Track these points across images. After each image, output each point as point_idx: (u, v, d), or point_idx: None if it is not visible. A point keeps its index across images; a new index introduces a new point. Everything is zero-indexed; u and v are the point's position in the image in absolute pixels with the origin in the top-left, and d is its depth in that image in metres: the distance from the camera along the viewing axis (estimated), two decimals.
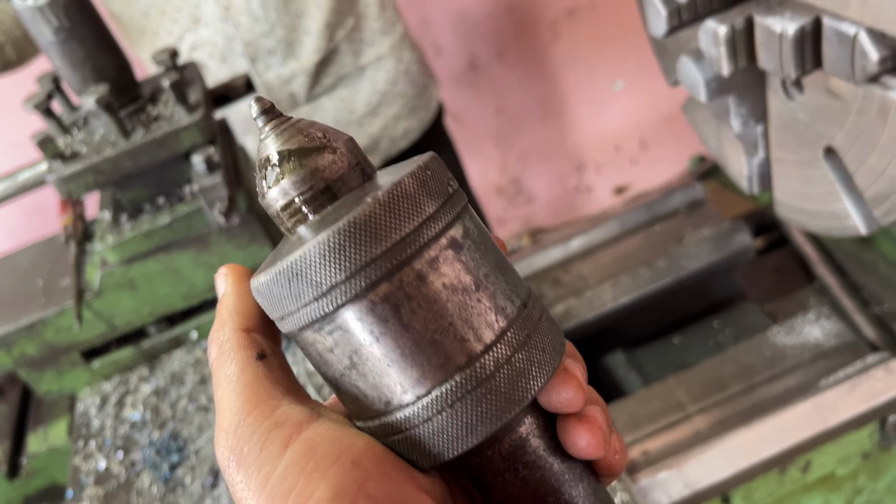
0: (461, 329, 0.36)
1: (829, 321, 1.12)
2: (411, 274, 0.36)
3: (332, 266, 0.35)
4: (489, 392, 0.36)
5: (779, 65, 0.82)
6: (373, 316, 0.35)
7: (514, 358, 0.37)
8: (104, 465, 1.00)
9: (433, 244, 0.36)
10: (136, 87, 1.01)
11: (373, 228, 0.35)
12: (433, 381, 0.36)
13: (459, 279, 0.37)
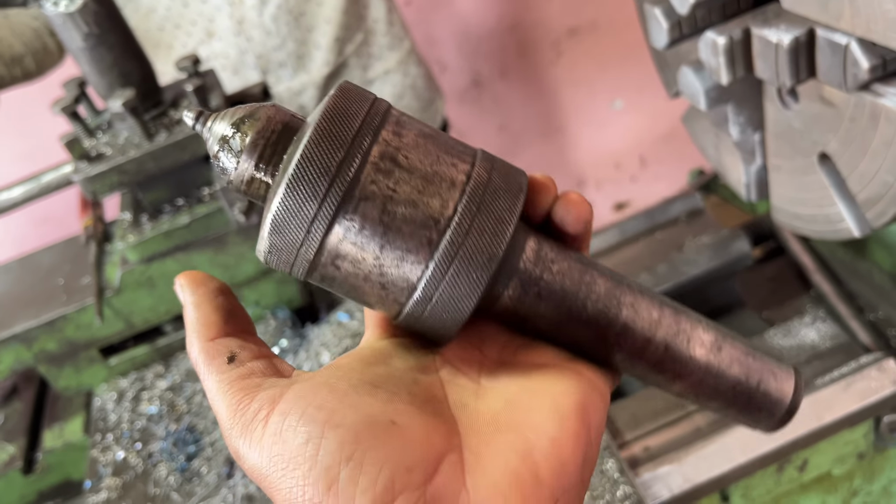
0: (432, 196, 0.38)
1: (824, 324, 1.15)
2: (368, 180, 0.37)
3: (304, 202, 0.37)
4: (481, 232, 0.38)
5: (775, 74, 0.86)
6: (360, 220, 0.37)
7: (485, 197, 0.39)
8: (122, 456, 1.03)
9: (375, 146, 0.38)
10: (159, 93, 1.06)
11: (319, 154, 0.37)
12: (431, 247, 0.38)
13: (414, 158, 0.39)
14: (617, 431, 1.09)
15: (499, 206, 0.39)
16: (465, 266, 0.38)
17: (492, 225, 0.38)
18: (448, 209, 0.38)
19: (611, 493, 0.94)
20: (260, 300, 1.16)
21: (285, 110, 0.42)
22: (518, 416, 0.38)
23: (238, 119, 0.40)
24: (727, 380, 0.45)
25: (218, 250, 1.10)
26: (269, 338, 1.14)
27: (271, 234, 0.38)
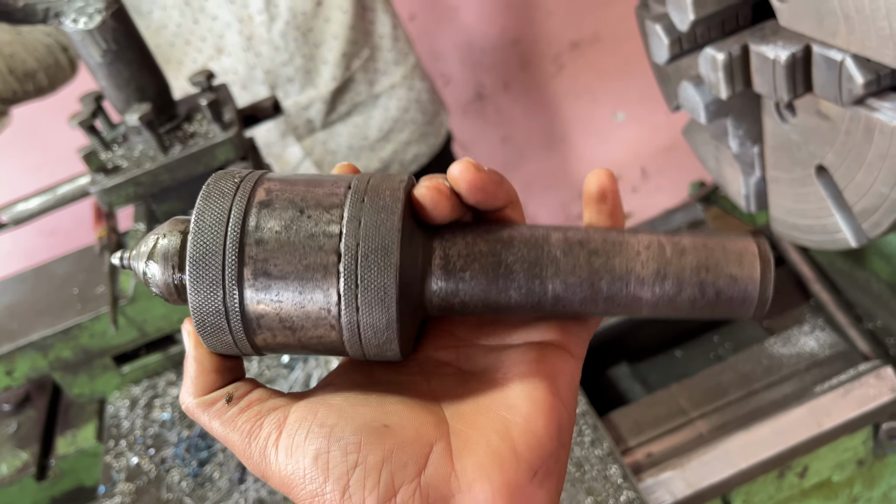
0: (312, 246, 0.39)
1: (823, 332, 1.17)
2: (252, 250, 0.39)
3: (204, 290, 0.39)
4: (373, 259, 0.38)
5: (772, 89, 0.89)
6: (260, 291, 0.39)
7: (363, 220, 0.39)
8: (136, 461, 1.05)
9: (249, 216, 0.39)
10: (173, 107, 1.08)
11: (201, 247, 0.39)
12: (335, 296, 0.39)
13: (285, 217, 0.39)
14: (620, 438, 1.11)
15: (380, 245, 0.38)
16: (369, 310, 0.39)
17: (377, 273, 0.38)
18: (332, 257, 0.39)
19: (614, 499, 0.96)
20: None
21: (186, 220, 0.44)
22: (495, 396, 0.41)
23: (150, 249, 0.43)
24: (682, 303, 0.43)
25: None
26: None
27: (201, 333, 0.41)
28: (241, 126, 1.09)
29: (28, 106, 1.55)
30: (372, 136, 1.70)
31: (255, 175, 0.42)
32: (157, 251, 0.43)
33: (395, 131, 1.73)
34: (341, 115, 1.66)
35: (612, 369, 1.33)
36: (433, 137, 1.83)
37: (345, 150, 1.68)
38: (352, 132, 1.67)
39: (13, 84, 1.34)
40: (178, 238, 0.42)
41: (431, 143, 1.82)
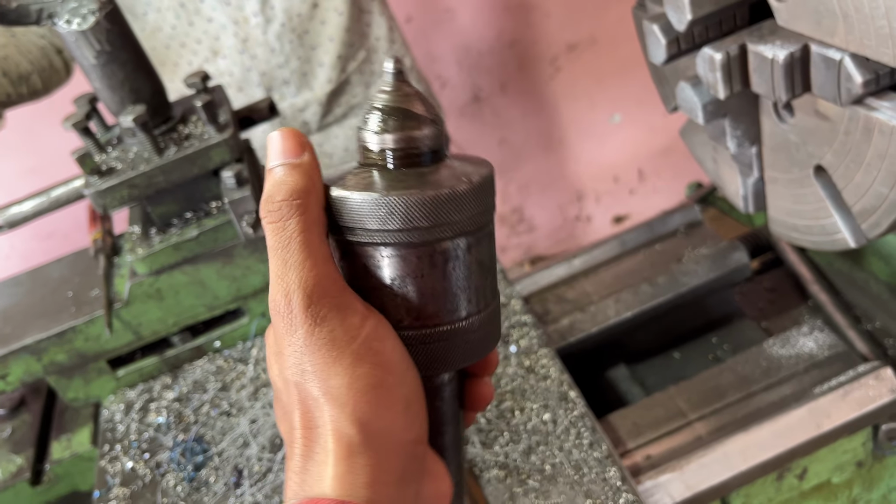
0: (473, 292, 0.49)
1: (822, 333, 1.17)
2: (465, 242, 0.48)
3: (425, 214, 0.45)
4: (463, 344, 0.50)
5: (771, 89, 0.88)
6: (429, 260, 0.47)
7: (486, 326, 0.51)
8: (130, 466, 1.04)
9: (484, 228, 0.49)
10: (168, 108, 1.08)
11: (461, 202, 0.46)
12: (439, 321, 0.48)
13: (484, 259, 0.50)
14: (618, 440, 1.10)
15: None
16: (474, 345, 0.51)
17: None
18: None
19: (613, 501, 0.95)
20: (266, 311, 1.18)
21: (443, 135, 0.51)
22: None
23: (414, 114, 0.49)
24: None
25: (226, 262, 1.12)
26: None
27: (378, 200, 0.46)
28: (236, 128, 1.08)
29: (22, 109, 1.54)
30: None
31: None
32: None
33: None
34: (337, 117, 1.66)
35: (609, 371, 1.33)
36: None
37: (341, 153, 1.67)
38: (348, 134, 1.67)
39: (7, 87, 1.33)
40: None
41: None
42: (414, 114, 0.48)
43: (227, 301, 1.15)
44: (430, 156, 0.49)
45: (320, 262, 0.44)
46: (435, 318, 0.48)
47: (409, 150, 0.48)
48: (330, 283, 0.44)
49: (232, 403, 1.10)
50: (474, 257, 0.48)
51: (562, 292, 1.33)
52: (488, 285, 0.51)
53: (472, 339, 0.50)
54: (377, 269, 0.47)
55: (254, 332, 1.18)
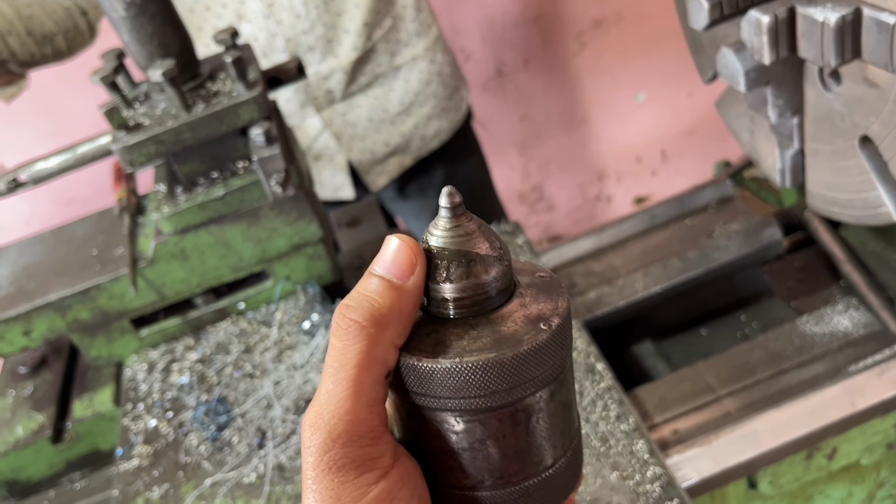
0: (558, 437, 0.45)
1: (857, 312, 1.15)
2: (547, 392, 0.43)
3: (502, 377, 0.41)
4: (552, 490, 0.46)
5: (819, 54, 0.85)
6: (511, 420, 0.43)
7: (573, 461, 0.47)
8: (154, 424, 1.04)
9: (563, 369, 0.44)
10: (197, 65, 1.06)
11: (542, 354, 0.42)
12: (525, 476, 0.44)
13: (567, 397, 0.46)
14: (645, 414, 1.09)
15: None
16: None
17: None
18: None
19: (641, 474, 0.94)
20: (291, 275, 1.17)
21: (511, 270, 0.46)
22: None
23: (479, 256, 0.44)
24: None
25: (251, 223, 1.10)
26: (301, 312, 1.14)
27: (450, 369, 0.41)
28: (265, 86, 1.07)
29: (45, 73, 1.53)
30: (392, 110, 1.67)
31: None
32: None
33: (416, 105, 1.70)
34: (362, 86, 1.63)
35: (635, 346, 1.31)
36: (454, 113, 1.80)
37: (364, 123, 1.65)
38: (372, 104, 1.65)
39: (31, 47, 1.32)
40: None
41: (452, 118, 1.79)
42: (479, 256, 0.43)
43: (251, 263, 1.14)
44: (499, 296, 0.44)
45: (362, 406, 0.40)
46: (520, 474, 0.44)
47: (477, 298, 0.43)
48: (364, 431, 0.41)
49: (255, 365, 1.09)
50: (558, 401, 0.44)
51: (589, 265, 1.31)
52: (571, 420, 0.47)
53: (560, 482, 0.46)
54: (451, 433, 0.43)
55: (278, 295, 1.17)
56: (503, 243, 0.45)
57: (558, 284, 0.46)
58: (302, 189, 1.10)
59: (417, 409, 0.43)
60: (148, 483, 0.99)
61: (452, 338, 0.42)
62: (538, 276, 0.46)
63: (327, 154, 1.65)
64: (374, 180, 1.71)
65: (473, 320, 0.43)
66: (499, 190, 2.07)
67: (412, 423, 0.44)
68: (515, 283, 0.46)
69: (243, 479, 0.95)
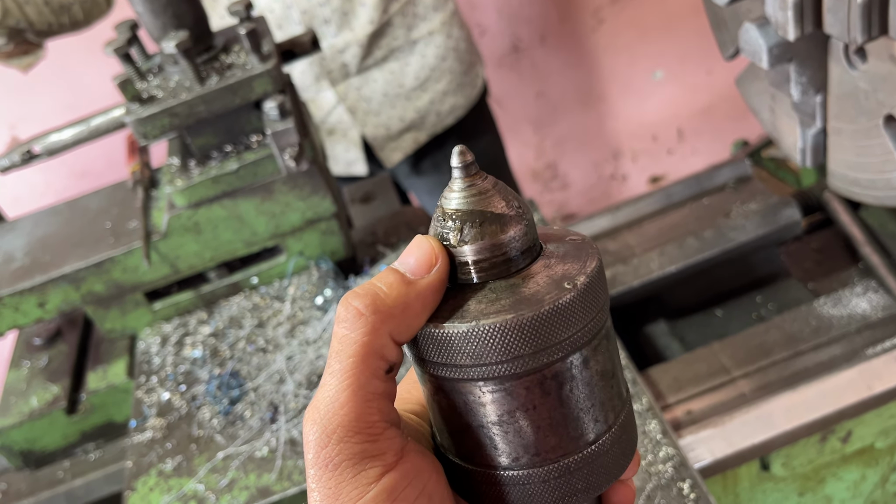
0: (599, 409, 0.42)
1: (876, 294, 1.13)
2: (580, 358, 0.40)
3: (525, 341, 0.38)
4: (597, 469, 0.42)
5: (846, 29, 0.83)
6: (540, 389, 0.40)
7: (621, 438, 0.43)
8: (167, 397, 1.04)
9: (599, 333, 0.41)
10: (210, 37, 1.05)
11: (568, 315, 0.39)
12: (564, 452, 0.41)
13: (605, 365, 0.42)
14: (659, 394, 1.08)
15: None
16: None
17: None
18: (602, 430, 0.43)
19: (653, 454, 0.93)
20: (304, 250, 1.16)
21: (534, 229, 0.43)
22: None
23: (498, 216, 0.42)
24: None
25: (265, 198, 1.10)
26: (314, 287, 1.14)
27: (470, 333, 0.39)
28: (279, 59, 1.05)
29: (60, 45, 1.52)
30: (408, 84, 1.65)
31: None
32: None
33: (432, 80, 1.68)
34: (377, 60, 1.61)
35: (649, 326, 1.30)
36: (470, 89, 1.78)
37: (379, 98, 1.64)
38: (387, 79, 1.63)
39: (48, 16, 1.31)
40: None
41: (468, 94, 1.78)
42: (494, 215, 0.41)
43: (265, 237, 1.13)
44: (522, 257, 0.41)
45: (359, 401, 0.39)
46: (558, 449, 0.41)
47: (496, 259, 0.41)
48: (361, 426, 0.39)
49: (268, 340, 1.09)
50: (594, 370, 0.41)
51: (604, 244, 1.30)
52: (615, 393, 0.43)
53: (606, 461, 0.43)
54: (479, 406, 0.41)
55: (291, 270, 1.17)
56: (523, 202, 0.42)
57: (589, 246, 0.43)
58: (316, 164, 1.09)
59: (442, 382, 0.41)
60: (161, 455, 0.99)
61: (472, 302, 0.40)
62: (569, 240, 0.44)
63: (341, 129, 1.64)
64: (388, 156, 1.70)
65: (494, 284, 0.41)
66: (513, 167, 2.05)
67: (440, 400, 0.42)
68: (541, 245, 0.43)
69: (255, 452, 0.96)
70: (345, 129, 1.64)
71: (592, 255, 0.42)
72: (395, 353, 0.40)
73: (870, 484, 1.20)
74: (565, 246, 0.43)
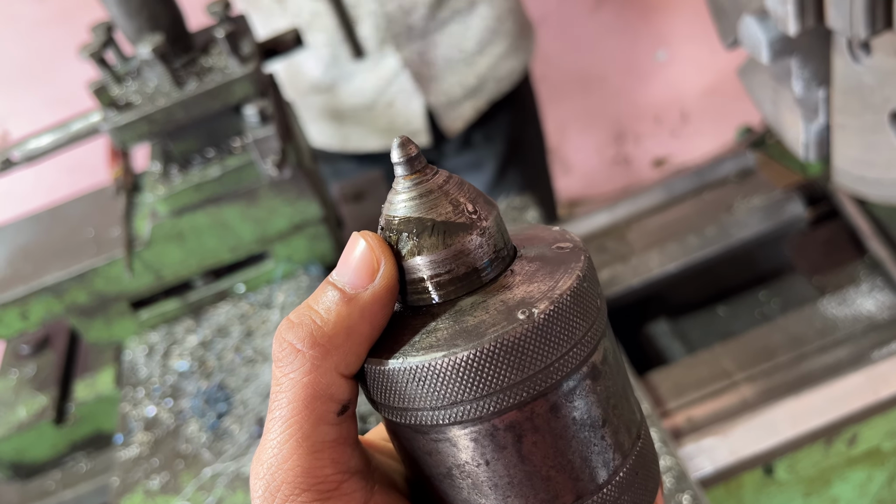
0: (578, 467, 0.34)
1: (882, 293, 1.09)
2: (545, 405, 0.33)
3: (462, 384, 0.32)
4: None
5: (848, 24, 0.79)
6: (490, 441, 0.33)
7: (620, 500, 0.35)
8: (154, 412, 1.02)
9: (575, 374, 0.33)
10: (188, 38, 1.01)
11: (519, 354, 0.32)
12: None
13: (590, 413, 0.34)
14: (659, 400, 1.05)
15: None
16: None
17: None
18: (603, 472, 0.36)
19: None
20: (292, 255, 1.13)
21: (498, 236, 0.36)
22: None
23: (444, 223, 0.36)
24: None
25: (250, 203, 1.06)
26: (304, 294, 1.11)
27: (400, 372, 0.33)
28: (260, 60, 1.02)
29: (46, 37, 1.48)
30: (469, 48, 1.60)
31: (605, 315, 0.36)
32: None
33: (492, 44, 1.63)
34: (442, 22, 1.55)
35: (650, 325, 1.27)
36: (524, 53, 1.75)
37: (441, 63, 1.58)
38: (448, 43, 1.57)
39: None
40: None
41: (523, 59, 1.74)
42: (439, 223, 0.34)
43: (251, 244, 1.10)
44: (477, 273, 0.34)
45: (304, 454, 0.33)
46: None
47: (440, 279, 0.34)
48: (311, 482, 0.33)
49: (257, 350, 1.07)
50: (570, 419, 0.33)
51: (602, 241, 1.26)
52: (609, 444, 0.35)
53: None
54: (425, 455, 0.35)
55: (279, 276, 1.14)
56: (482, 202, 0.35)
57: (576, 257, 0.35)
58: (301, 167, 1.05)
59: (389, 424, 0.36)
60: (147, 471, 0.97)
61: (407, 332, 0.33)
62: (555, 248, 0.36)
63: (402, 98, 1.58)
64: (450, 125, 1.65)
65: (438, 308, 0.34)
66: None
67: (394, 443, 0.37)
68: (511, 255, 0.36)
69: (242, 469, 0.93)
70: (407, 98, 1.58)
71: (572, 271, 0.34)
72: (345, 389, 0.34)
73: (877, 484, 1.18)
74: (546, 256, 0.36)
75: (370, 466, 0.36)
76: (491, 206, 0.35)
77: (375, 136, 1.61)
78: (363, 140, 1.63)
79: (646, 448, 0.37)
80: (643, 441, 0.37)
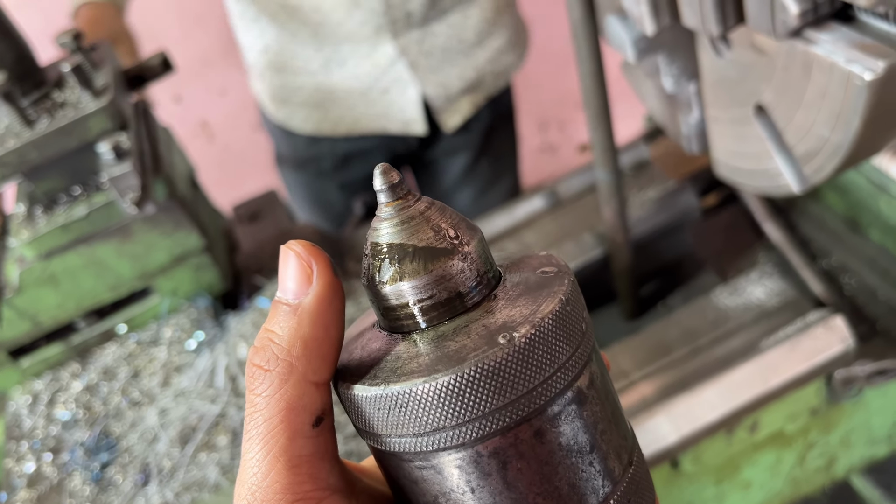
0: (566, 495, 0.34)
1: (770, 279, 1.10)
2: (529, 431, 0.32)
3: (444, 410, 0.32)
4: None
5: (701, 21, 0.78)
6: (475, 468, 0.33)
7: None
8: (33, 468, 0.97)
9: (559, 398, 0.33)
10: (38, 73, 0.96)
11: (500, 378, 0.31)
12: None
13: (577, 438, 0.34)
14: None
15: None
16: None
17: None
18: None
19: None
20: (177, 289, 1.09)
21: (480, 261, 0.36)
22: None
23: (425, 249, 0.35)
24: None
25: (124, 240, 1.02)
26: (191, 328, 1.07)
27: (380, 399, 0.33)
28: (120, 91, 0.97)
29: None
30: (468, 39, 1.56)
31: (592, 338, 0.36)
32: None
33: (491, 36, 1.60)
34: (442, 10, 1.50)
35: None
36: (521, 48, 1.73)
37: (439, 54, 1.53)
38: (448, 33, 1.53)
39: None
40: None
41: (520, 53, 1.73)
42: (420, 249, 0.34)
43: (131, 280, 1.06)
44: (460, 298, 0.34)
45: (282, 470, 0.33)
46: None
47: (424, 304, 0.34)
48: (291, 499, 0.33)
49: (143, 392, 1.03)
50: (555, 443, 0.33)
51: (503, 244, 1.25)
52: (598, 470, 0.34)
53: None
54: (410, 483, 0.34)
55: (165, 311, 1.10)
56: (464, 228, 0.35)
57: (560, 281, 0.35)
58: (175, 198, 1.01)
59: (373, 450, 0.36)
60: None
61: (390, 358, 0.34)
62: (539, 273, 0.36)
63: (398, 87, 1.54)
64: (447, 119, 1.61)
65: (421, 333, 0.34)
66: None
67: (381, 469, 0.37)
68: (496, 280, 0.36)
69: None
70: (403, 87, 1.54)
71: (554, 295, 0.34)
72: (317, 398, 0.34)
73: (787, 464, 1.19)
74: (530, 280, 0.35)
75: (354, 489, 0.36)
76: (473, 231, 0.36)
77: (367, 119, 1.57)
78: (355, 123, 1.58)
79: (638, 475, 0.36)
80: (635, 467, 0.36)
